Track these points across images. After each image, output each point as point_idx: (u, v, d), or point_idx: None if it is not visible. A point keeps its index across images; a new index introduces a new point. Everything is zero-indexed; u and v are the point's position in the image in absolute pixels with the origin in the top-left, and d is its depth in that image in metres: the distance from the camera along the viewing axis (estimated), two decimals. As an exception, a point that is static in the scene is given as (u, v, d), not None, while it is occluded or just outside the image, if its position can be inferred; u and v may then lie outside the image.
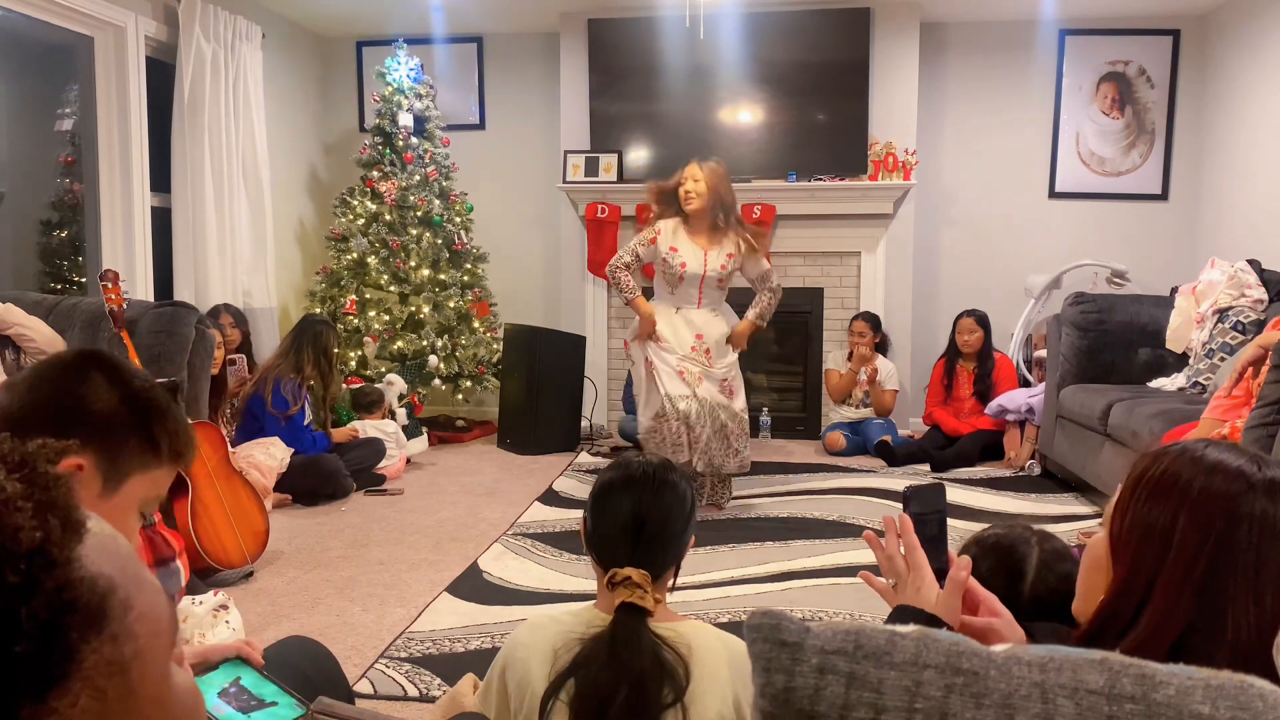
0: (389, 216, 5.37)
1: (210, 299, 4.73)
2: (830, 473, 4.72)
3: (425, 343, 5.33)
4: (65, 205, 4.82)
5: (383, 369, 5.28)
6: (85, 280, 4.62)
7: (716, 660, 1.33)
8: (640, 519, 1.40)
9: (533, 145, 6.07)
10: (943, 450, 4.94)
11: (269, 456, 3.96)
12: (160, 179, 4.71)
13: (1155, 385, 4.24)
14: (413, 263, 5.35)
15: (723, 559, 3.39)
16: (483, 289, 5.68)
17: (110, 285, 3.20)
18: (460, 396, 5.63)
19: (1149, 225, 5.71)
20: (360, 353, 5.34)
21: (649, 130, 5.69)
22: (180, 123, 4.68)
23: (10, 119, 4.72)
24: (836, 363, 5.47)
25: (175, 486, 3.06)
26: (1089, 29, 5.64)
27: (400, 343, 5.30)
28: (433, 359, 5.32)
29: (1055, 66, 5.70)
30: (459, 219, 5.56)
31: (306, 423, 4.25)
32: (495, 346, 5.61)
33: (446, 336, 5.42)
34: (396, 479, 4.58)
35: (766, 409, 5.68)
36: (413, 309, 5.37)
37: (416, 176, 5.41)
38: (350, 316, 5.36)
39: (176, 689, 0.54)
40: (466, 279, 5.57)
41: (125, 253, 4.51)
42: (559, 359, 5.33)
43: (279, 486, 3.99)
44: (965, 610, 1.13)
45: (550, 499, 4.22)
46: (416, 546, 3.53)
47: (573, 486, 4.42)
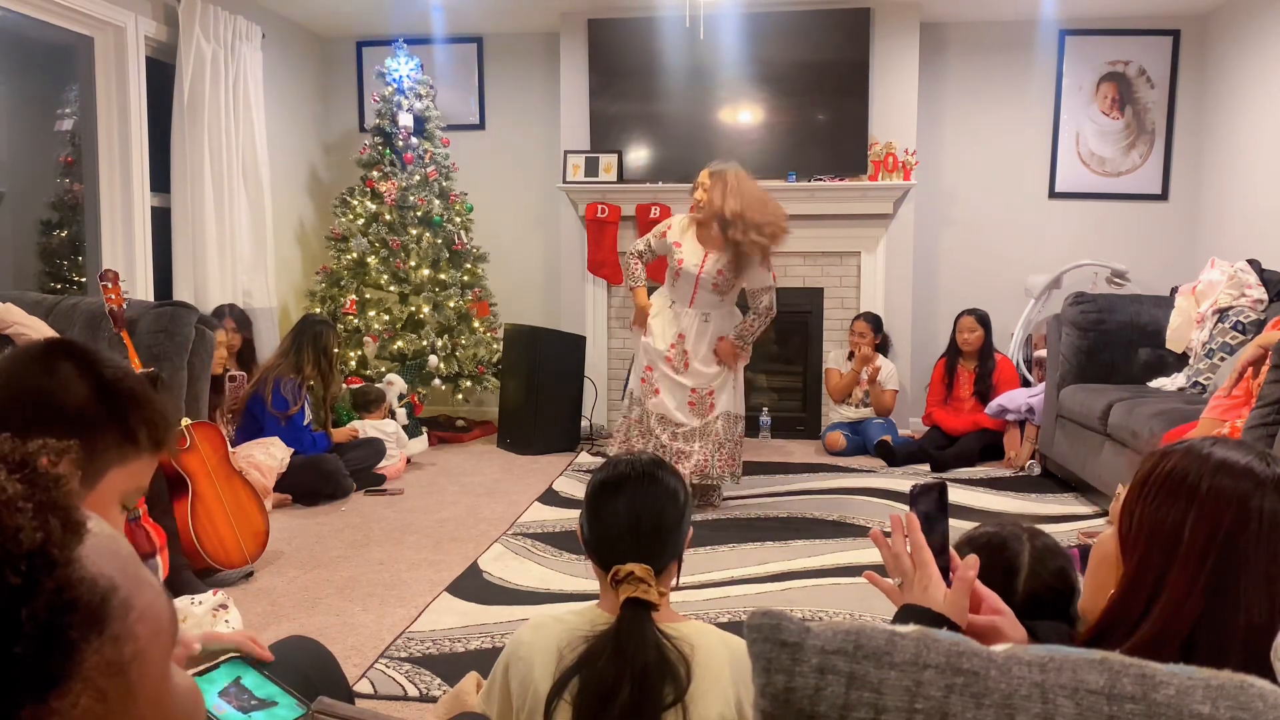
0: (389, 216, 5.37)
1: (210, 299, 4.73)
2: (830, 473, 4.72)
3: (425, 343, 5.33)
4: (65, 205, 4.82)
5: (383, 369, 5.28)
6: (85, 280, 4.62)
7: (718, 661, 1.33)
8: (636, 516, 1.40)
9: (533, 145, 6.07)
10: (943, 450, 4.94)
11: (269, 456, 3.96)
12: (160, 179, 4.71)
13: (1155, 385, 4.24)
14: (413, 263, 5.35)
15: (723, 559, 3.39)
16: (483, 289, 5.68)
17: (110, 285, 3.20)
18: (460, 396, 5.63)
19: (1149, 225, 5.71)
20: (360, 353, 5.34)
21: (649, 130, 5.69)
22: (180, 123, 4.68)
23: (10, 119, 4.72)
24: (836, 362, 5.47)
25: (175, 486, 3.06)
26: (1089, 29, 5.64)
27: (400, 343, 5.30)
28: (433, 359, 5.32)
29: (1055, 66, 5.70)
30: (459, 219, 5.56)
31: (306, 423, 4.25)
32: (495, 346, 5.61)
33: (446, 336, 5.42)
34: (396, 479, 4.58)
35: (766, 409, 5.68)
36: (413, 309, 5.37)
37: (416, 176, 5.41)
38: (350, 316, 5.36)
39: (176, 689, 0.54)
40: (466, 279, 5.57)
41: (125, 253, 4.51)
42: (559, 359, 5.33)
43: (279, 486, 3.99)
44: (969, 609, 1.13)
45: (550, 499, 4.22)
46: (416, 546, 3.53)
47: (573, 486, 4.42)
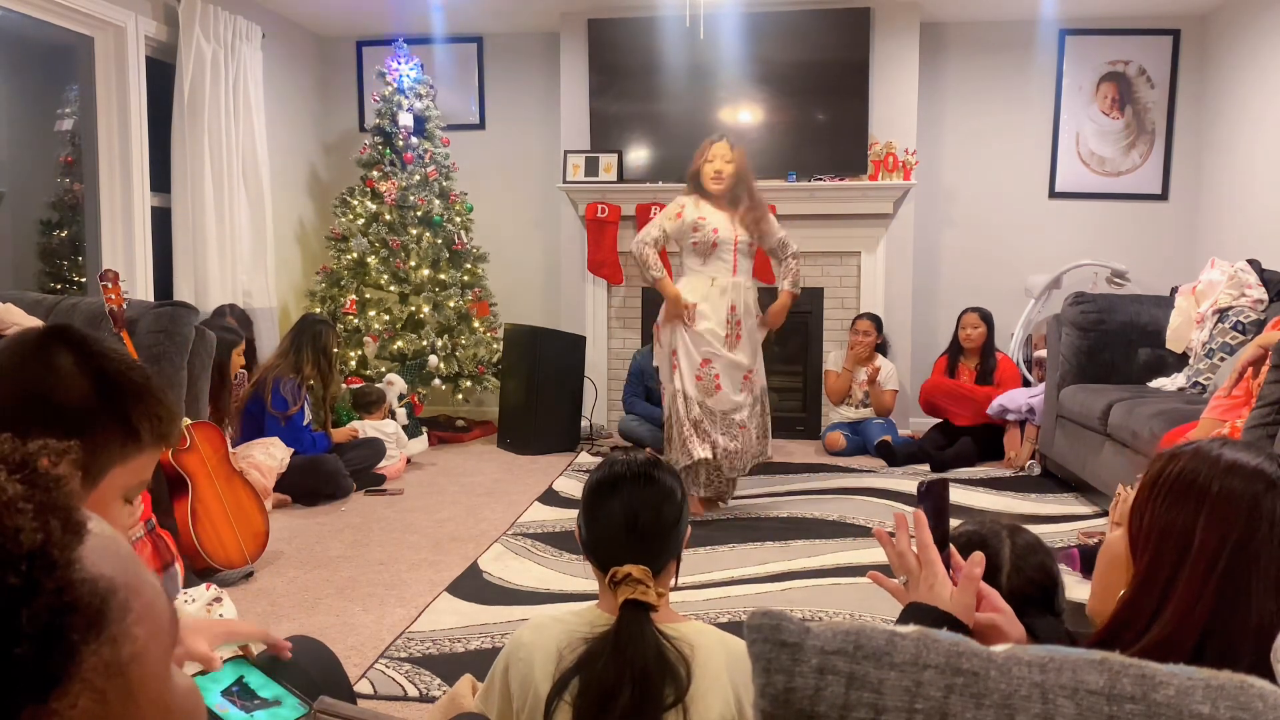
0: (389, 216, 5.37)
1: (210, 299, 4.73)
2: (830, 473, 4.71)
3: (425, 343, 5.33)
4: (65, 205, 4.83)
5: (383, 369, 5.28)
6: (85, 280, 4.62)
7: (718, 661, 1.33)
8: (632, 516, 1.39)
9: (533, 145, 6.07)
10: (943, 450, 4.94)
11: (269, 456, 3.96)
12: (160, 179, 4.71)
13: (1155, 385, 4.24)
14: (413, 263, 5.35)
15: (723, 559, 3.39)
16: (483, 289, 5.68)
17: (110, 285, 3.20)
18: (460, 396, 5.63)
19: (1149, 225, 5.71)
20: (360, 353, 5.34)
21: (649, 130, 5.69)
22: (180, 123, 4.68)
23: (10, 119, 4.72)
24: (836, 363, 5.47)
25: (175, 486, 3.06)
26: (1089, 29, 5.64)
27: (400, 343, 5.30)
28: (433, 359, 5.32)
29: (1055, 66, 5.70)
30: (459, 219, 5.56)
31: (306, 423, 4.25)
32: (495, 346, 5.61)
33: (446, 336, 5.42)
34: (396, 479, 4.58)
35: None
36: (413, 309, 5.37)
37: (416, 176, 5.41)
38: (350, 316, 5.36)
39: (176, 690, 0.54)
40: (466, 279, 5.57)
41: (125, 253, 4.51)
42: (559, 359, 5.33)
43: (279, 487, 3.99)
44: None
45: (550, 499, 4.22)
46: (416, 546, 3.53)
47: (573, 486, 4.42)
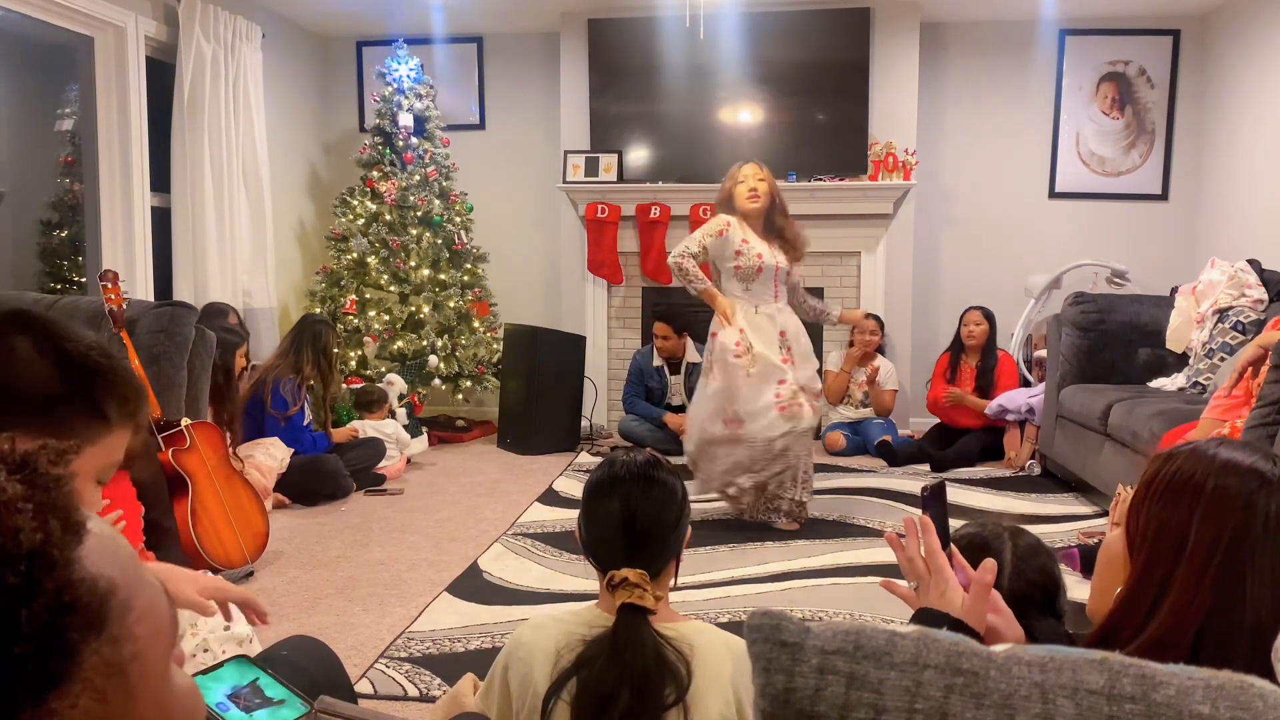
0: (389, 216, 5.37)
1: (210, 299, 4.72)
2: (830, 473, 4.71)
3: (425, 343, 5.33)
4: (65, 205, 4.82)
5: (383, 369, 5.28)
6: (85, 280, 4.62)
7: (718, 661, 1.33)
8: (631, 517, 1.38)
9: (533, 145, 6.07)
10: (943, 450, 4.94)
11: (269, 457, 3.96)
12: (160, 179, 4.70)
13: (1155, 385, 4.24)
14: (413, 263, 5.35)
15: (723, 559, 3.39)
16: (483, 289, 5.68)
17: (110, 285, 3.20)
18: (460, 396, 5.63)
19: (1149, 225, 5.71)
20: (360, 353, 5.34)
21: (649, 130, 5.69)
22: (180, 123, 4.68)
23: (10, 119, 4.72)
24: (835, 364, 5.47)
25: (175, 486, 3.06)
26: (1089, 29, 5.64)
27: (400, 343, 5.30)
28: (433, 359, 5.32)
29: (1055, 66, 5.70)
30: (459, 219, 5.56)
31: (306, 423, 4.26)
32: (495, 346, 5.61)
33: (446, 336, 5.42)
34: (396, 479, 4.58)
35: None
36: (413, 309, 5.37)
37: (416, 176, 5.41)
38: (350, 316, 5.36)
39: (176, 690, 0.54)
40: (466, 279, 5.57)
41: (125, 253, 4.50)
42: (559, 359, 5.33)
43: (279, 487, 4.00)
44: None
45: (550, 499, 4.22)
46: (416, 546, 3.53)
47: (573, 486, 4.42)
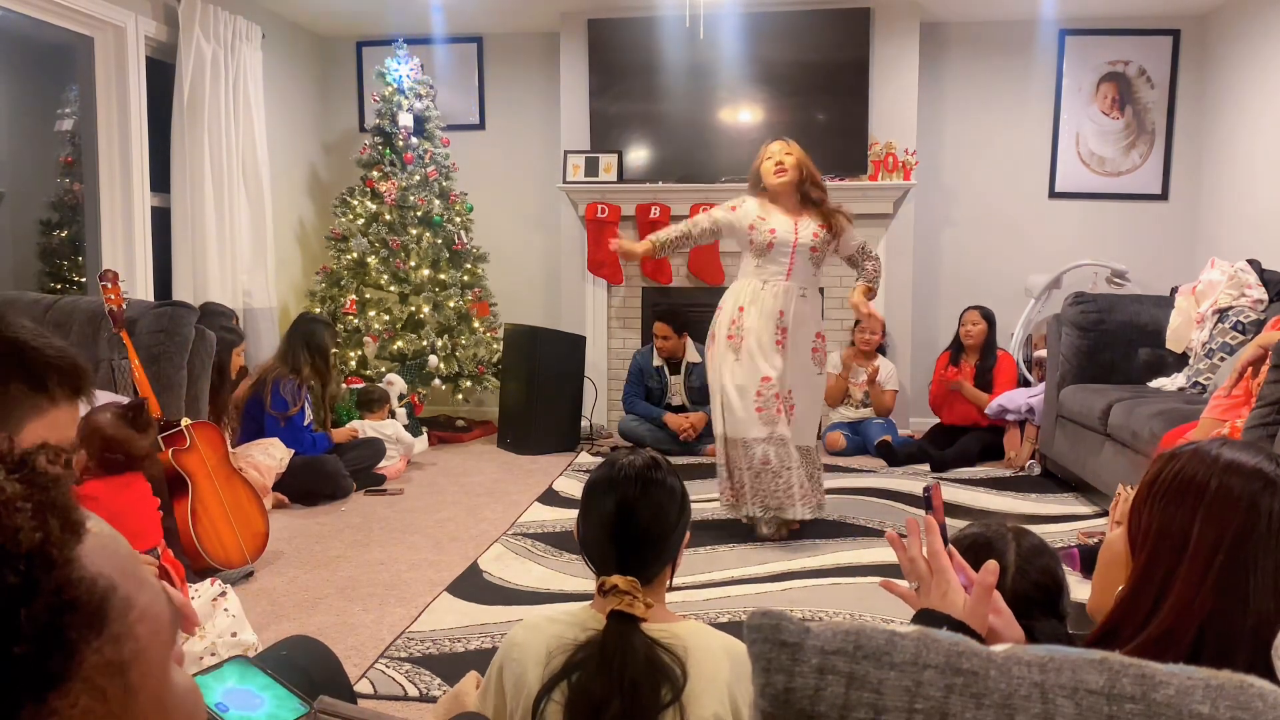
0: (389, 216, 5.37)
1: (210, 299, 4.72)
2: (830, 473, 4.70)
3: (425, 343, 5.33)
4: (65, 205, 4.83)
5: (383, 369, 5.28)
6: (85, 280, 4.62)
7: (713, 661, 1.32)
8: (627, 520, 1.37)
9: (533, 145, 6.07)
10: (943, 450, 4.94)
11: (269, 457, 3.96)
12: (160, 179, 4.71)
13: (1155, 385, 4.24)
14: (413, 263, 5.35)
15: (723, 559, 3.39)
16: (483, 289, 5.68)
17: (110, 285, 3.20)
18: (460, 396, 5.63)
19: (1149, 225, 5.71)
20: (360, 353, 5.34)
21: (649, 130, 5.69)
22: (180, 123, 4.68)
23: (10, 119, 4.72)
24: (835, 365, 5.46)
25: (175, 486, 3.06)
26: (1089, 29, 5.64)
27: (400, 343, 5.30)
28: (433, 359, 5.32)
29: (1055, 66, 5.70)
30: (459, 219, 5.56)
31: (307, 423, 4.26)
32: (495, 346, 5.61)
33: (446, 336, 5.42)
34: (396, 479, 4.58)
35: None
36: (413, 309, 5.37)
37: (416, 176, 5.41)
38: (350, 316, 5.36)
39: (176, 689, 0.54)
40: (466, 279, 5.57)
41: (125, 253, 4.51)
42: (559, 359, 5.33)
43: (279, 487, 4.00)
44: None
45: (550, 499, 4.22)
46: (416, 546, 3.53)
47: (573, 486, 4.42)
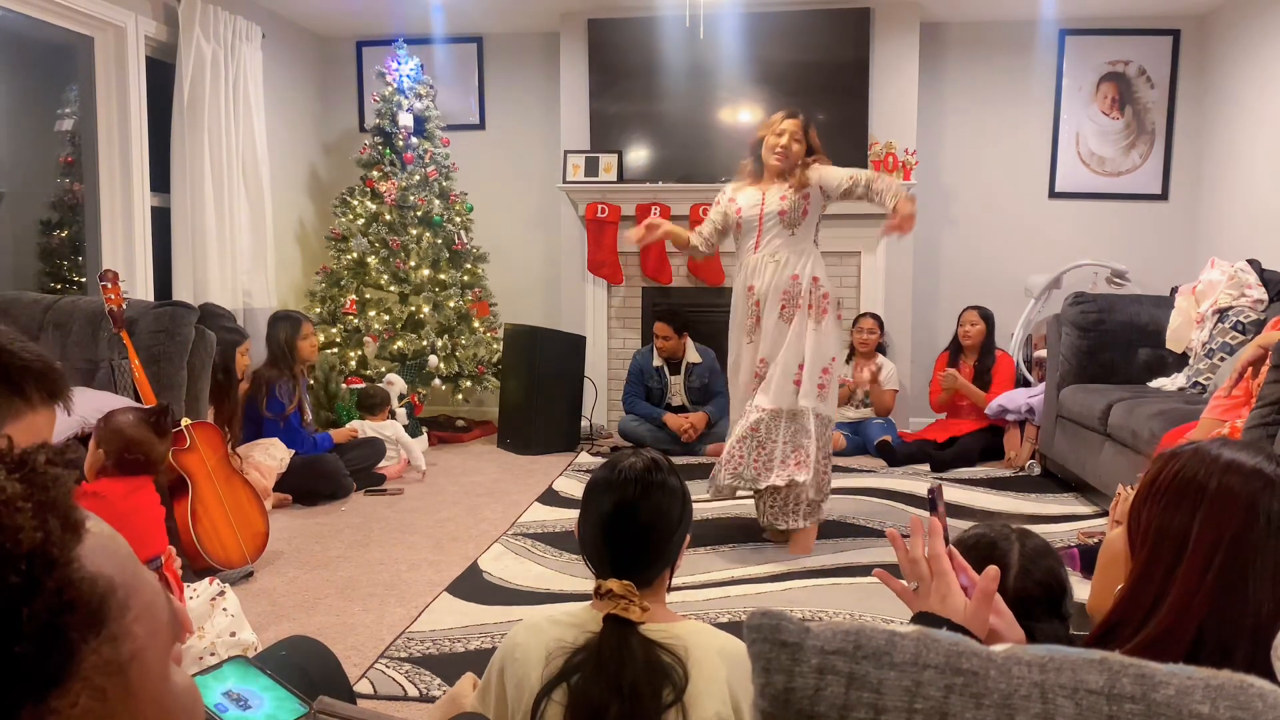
0: (389, 216, 5.37)
1: (210, 299, 4.72)
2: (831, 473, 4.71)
3: (425, 343, 5.33)
4: (65, 205, 4.82)
5: (383, 369, 5.28)
6: (85, 280, 4.61)
7: (714, 661, 1.32)
8: (627, 522, 1.37)
9: (533, 145, 6.07)
10: (943, 450, 4.94)
11: (269, 457, 3.97)
12: (160, 179, 4.71)
13: (1155, 385, 4.24)
14: (413, 263, 5.35)
15: (723, 559, 3.39)
16: (483, 289, 5.68)
17: (110, 285, 3.20)
18: (460, 396, 5.63)
19: (1149, 225, 5.71)
20: (360, 353, 5.34)
21: (649, 130, 5.69)
22: (180, 123, 4.68)
23: (10, 119, 4.72)
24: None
25: (175, 486, 3.06)
26: (1089, 29, 5.64)
27: (400, 343, 5.30)
28: (433, 359, 5.32)
29: (1055, 66, 5.70)
30: (459, 219, 5.56)
31: (307, 421, 4.27)
32: (495, 346, 5.61)
33: (446, 336, 5.42)
34: (397, 479, 4.58)
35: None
36: (413, 309, 5.37)
37: (416, 176, 5.41)
38: (350, 316, 5.36)
39: (175, 688, 0.54)
40: (466, 279, 5.57)
41: (125, 253, 4.51)
42: (559, 359, 5.33)
43: (279, 486, 4.00)
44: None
45: (550, 499, 4.22)
46: (416, 546, 3.53)
47: (573, 486, 4.42)
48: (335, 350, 5.33)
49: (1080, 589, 1.45)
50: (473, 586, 3.09)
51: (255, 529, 3.25)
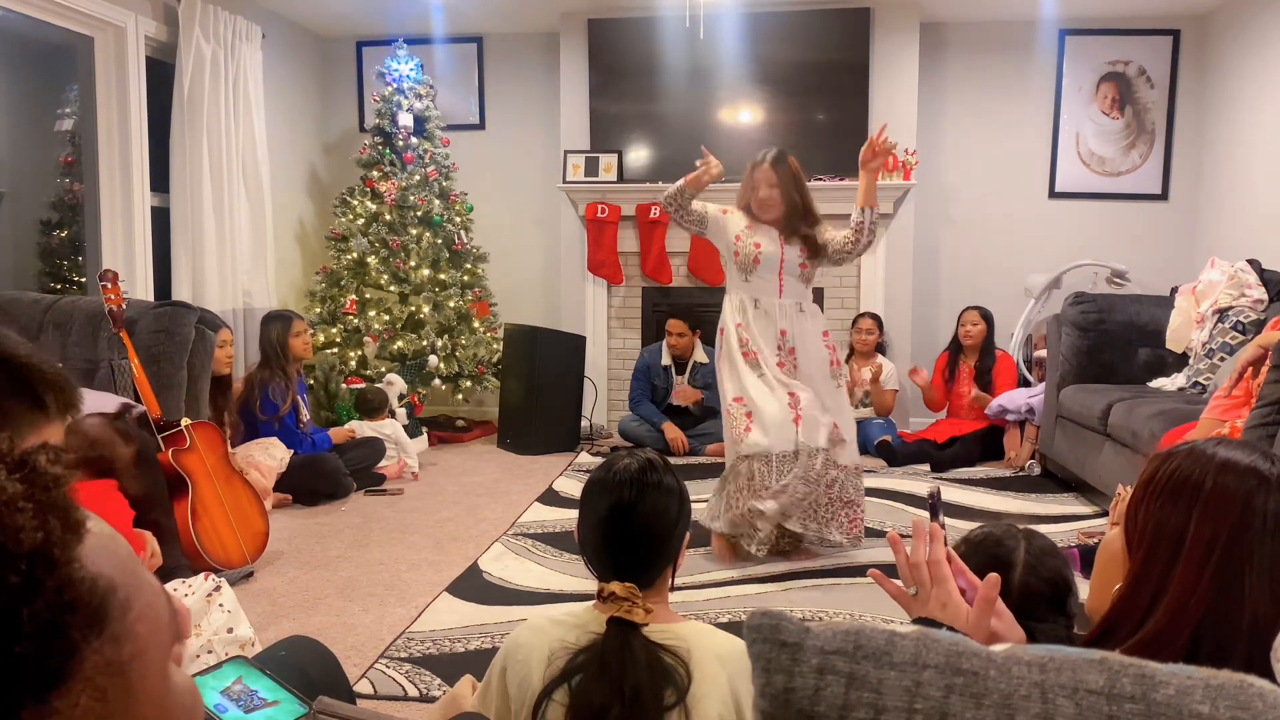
0: (389, 216, 5.37)
1: (210, 299, 4.72)
2: (830, 473, 4.71)
3: (425, 343, 5.33)
4: (65, 205, 4.82)
5: (383, 369, 5.28)
6: (85, 280, 4.62)
7: (715, 662, 1.32)
8: (624, 523, 1.37)
9: (533, 145, 6.07)
10: (943, 450, 4.94)
11: (269, 457, 3.97)
12: (160, 179, 4.71)
13: (1155, 385, 4.24)
14: (413, 263, 5.35)
15: (723, 559, 3.38)
16: (483, 289, 5.68)
17: (110, 285, 3.20)
18: (460, 396, 5.63)
19: (1149, 225, 5.71)
20: (360, 353, 5.34)
21: (649, 130, 5.69)
22: (180, 123, 4.68)
23: (10, 119, 4.72)
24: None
25: (175, 486, 3.06)
26: (1089, 29, 5.64)
27: (400, 343, 5.30)
28: (433, 359, 5.32)
29: (1055, 66, 5.70)
30: (459, 219, 5.56)
31: (306, 420, 4.27)
32: (495, 346, 5.61)
33: (446, 336, 5.42)
34: (397, 479, 4.58)
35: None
36: (413, 309, 5.37)
37: (416, 176, 5.41)
38: (350, 316, 5.36)
39: (175, 688, 0.54)
40: (466, 279, 5.57)
41: (125, 253, 4.51)
42: (559, 359, 5.33)
43: (279, 486, 4.00)
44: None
45: (550, 499, 4.22)
46: (416, 546, 3.53)
47: (573, 486, 4.42)
48: (335, 350, 5.33)
49: (1081, 589, 1.46)
50: (473, 586, 3.09)
51: (255, 529, 3.25)
